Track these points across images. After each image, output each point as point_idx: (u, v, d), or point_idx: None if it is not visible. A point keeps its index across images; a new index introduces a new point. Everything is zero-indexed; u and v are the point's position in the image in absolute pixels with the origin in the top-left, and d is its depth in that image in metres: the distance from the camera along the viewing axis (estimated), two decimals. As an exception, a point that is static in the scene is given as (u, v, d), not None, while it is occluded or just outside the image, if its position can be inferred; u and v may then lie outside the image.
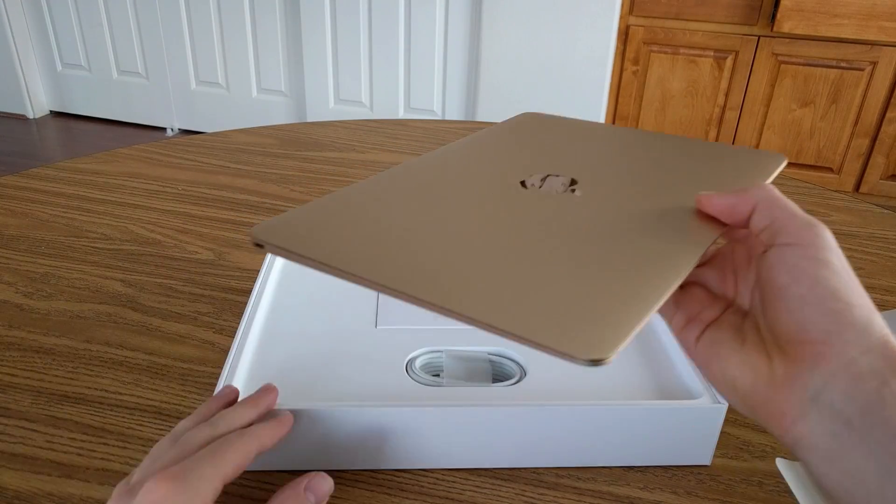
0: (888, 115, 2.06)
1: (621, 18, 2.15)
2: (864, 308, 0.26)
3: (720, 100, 2.18)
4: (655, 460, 0.43)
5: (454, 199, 0.32)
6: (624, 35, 2.18)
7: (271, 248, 0.28)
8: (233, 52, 2.63)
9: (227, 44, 2.62)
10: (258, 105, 2.69)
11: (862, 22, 1.95)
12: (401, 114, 2.51)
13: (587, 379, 0.46)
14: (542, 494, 0.41)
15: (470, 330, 0.50)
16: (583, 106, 2.24)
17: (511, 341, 0.23)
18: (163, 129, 2.85)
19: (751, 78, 2.12)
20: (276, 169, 0.88)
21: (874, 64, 2.02)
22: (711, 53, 2.12)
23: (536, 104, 2.27)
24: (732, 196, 0.30)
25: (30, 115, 2.89)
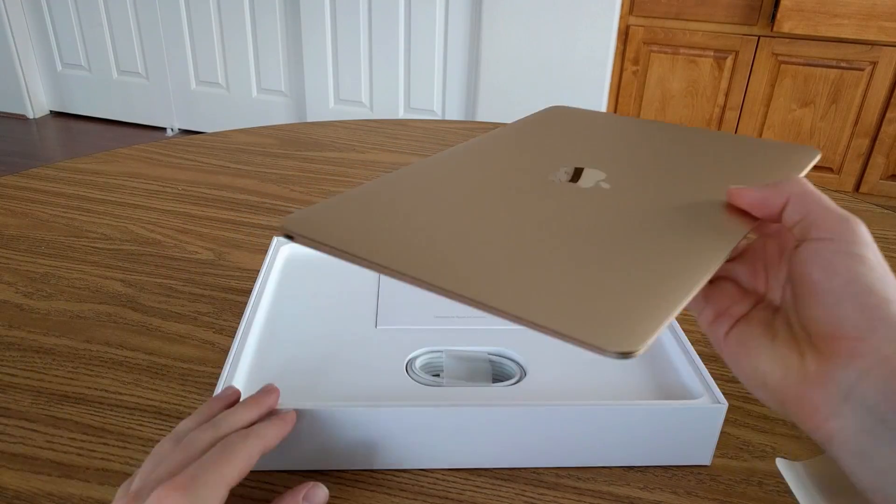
0: (888, 115, 2.06)
1: (621, 18, 2.15)
2: None
3: (720, 100, 2.18)
4: (655, 460, 0.43)
5: (483, 192, 0.32)
6: (624, 35, 2.18)
7: (301, 240, 0.28)
8: (233, 52, 2.63)
9: (227, 44, 2.62)
10: (258, 105, 2.69)
11: (862, 22, 1.95)
12: (401, 114, 2.51)
13: (587, 379, 0.46)
14: (542, 494, 0.41)
15: (470, 330, 0.50)
16: (583, 106, 2.23)
17: (545, 335, 0.23)
18: (163, 129, 2.85)
19: (751, 78, 2.12)
20: (276, 169, 0.88)
21: (874, 64, 2.02)
22: (711, 53, 2.12)
23: (536, 104, 2.27)
24: (765, 189, 0.30)
25: (30, 115, 2.89)
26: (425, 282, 0.25)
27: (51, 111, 2.97)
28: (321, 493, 0.37)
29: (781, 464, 0.42)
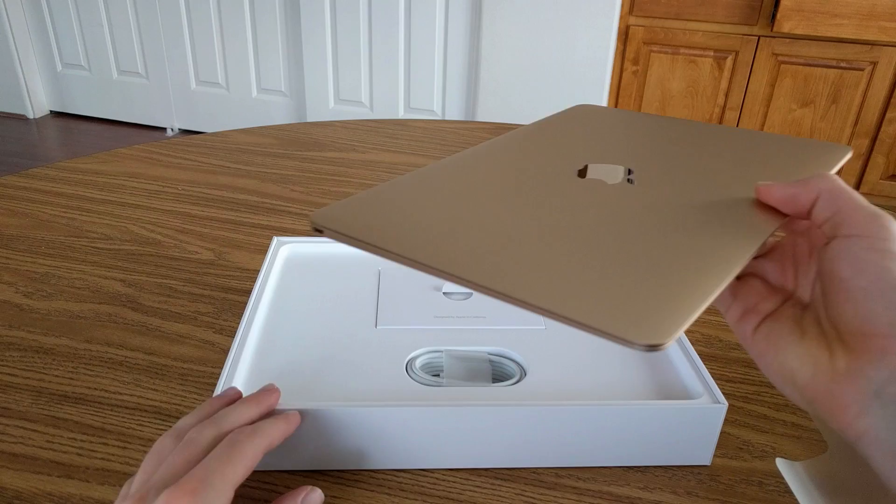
0: (888, 115, 2.06)
1: (621, 18, 2.15)
2: None
3: (720, 100, 2.18)
4: (655, 460, 0.43)
5: (511, 188, 0.33)
6: (624, 35, 2.18)
7: (330, 234, 0.28)
8: (233, 52, 2.63)
9: (227, 44, 2.62)
10: (258, 105, 2.69)
11: (862, 22, 1.95)
12: (401, 114, 2.51)
13: (587, 379, 0.46)
14: (542, 494, 0.41)
15: (470, 330, 0.50)
16: (583, 106, 2.23)
17: (573, 328, 0.23)
18: (163, 129, 2.85)
19: (751, 78, 2.12)
20: (276, 169, 0.88)
21: (874, 64, 2.02)
22: (711, 53, 2.12)
23: (536, 104, 2.27)
24: (794, 186, 0.29)
25: (30, 115, 2.89)
26: (454, 275, 0.25)
27: (51, 111, 2.97)
28: (319, 499, 0.38)
29: (781, 464, 0.42)
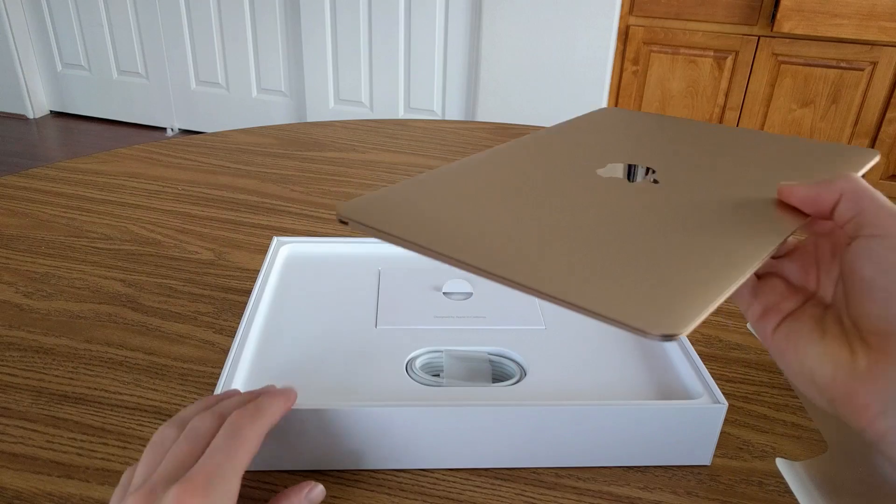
0: (888, 115, 2.06)
1: (621, 18, 2.15)
2: None
3: (720, 100, 2.18)
4: (655, 460, 0.43)
5: (535, 185, 0.33)
6: (624, 35, 2.18)
7: (355, 225, 0.29)
8: (233, 52, 2.63)
9: (227, 44, 2.62)
10: (258, 105, 2.69)
11: (862, 22, 1.95)
12: (401, 114, 2.51)
13: (587, 379, 0.46)
14: (542, 494, 0.41)
15: (470, 330, 0.50)
16: (583, 106, 2.24)
17: (590, 318, 0.23)
18: (163, 129, 2.85)
19: (751, 78, 2.12)
20: (276, 169, 0.88)
21: (874, 64, 2.02)
22: (711, 53, 2.12)
23: (536, 104, 2.27)
24: (817, 186, 0.29)
25: (30, 115, 2.89)
26: (475, 266, 0.26)
27: (51, 111, 2.97)
28: (321, 495, 0.38)
29: (781, 464, 0.42)
